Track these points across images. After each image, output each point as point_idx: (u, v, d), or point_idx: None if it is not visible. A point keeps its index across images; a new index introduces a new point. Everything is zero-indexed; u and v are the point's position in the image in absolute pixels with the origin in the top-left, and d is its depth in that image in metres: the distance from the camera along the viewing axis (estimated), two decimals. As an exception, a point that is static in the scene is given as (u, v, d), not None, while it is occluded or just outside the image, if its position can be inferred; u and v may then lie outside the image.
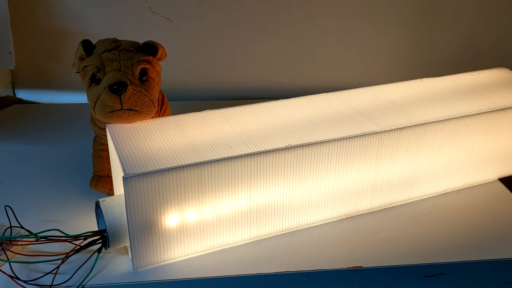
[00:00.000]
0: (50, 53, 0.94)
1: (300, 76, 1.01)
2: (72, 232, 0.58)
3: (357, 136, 0.60)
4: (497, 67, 0.82)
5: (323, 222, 0.64)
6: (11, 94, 0.96)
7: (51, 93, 0.98)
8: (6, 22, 0.84)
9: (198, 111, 0.64)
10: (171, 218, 0.55)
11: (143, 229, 0.54)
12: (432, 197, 0.70)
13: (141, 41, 0.77)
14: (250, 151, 0.56)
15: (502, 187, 0.73)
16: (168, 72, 0.71)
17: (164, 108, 0.67)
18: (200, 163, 0.54)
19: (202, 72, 0.99)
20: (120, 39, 0.62)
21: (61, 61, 0.95)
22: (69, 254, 0.54)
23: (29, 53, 0.94)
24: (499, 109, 0.68)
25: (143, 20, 0.93)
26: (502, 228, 0.65)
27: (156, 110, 0.62)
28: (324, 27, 0.97)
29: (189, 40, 0.96)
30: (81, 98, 0.96)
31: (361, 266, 0.58)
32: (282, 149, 0.57)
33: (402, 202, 0.68)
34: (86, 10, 0.91)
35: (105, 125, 0.62)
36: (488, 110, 0.67)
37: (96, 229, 0.60)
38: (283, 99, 0.68)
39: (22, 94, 0.97)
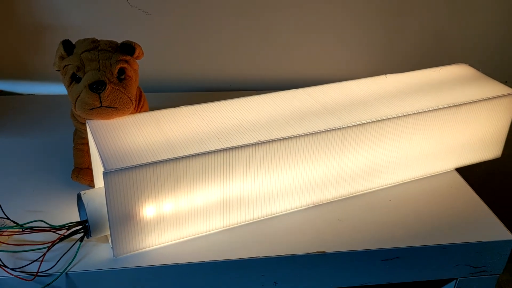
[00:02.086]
0: (30, 45, 0.96)
1: (276, 68, 1.05)
2: (55, 222, 0.62)
3: (322, 131, 0.65)
4: (460, 62, 0.87)
5: (290, 211, 0.69)
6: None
7: (31, 84, 1.00)
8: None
9: (175, 102, 0.68)
10: (149, 209, 0.59)
11: (122, 219, 0.58)
12: (393, 186, 0.75)
13: (118, 34, 0.80)
14: (222, 147, 0.60)
15: (458, 177, 0.79)
16: (146, 64, 0.73)
17: (141, 103, 0.71)
18: (175, 158, 0.58)
19: (179, 64, 1.02)
20: (99, 39, 0.65)
21: (40, 53, 0.97)
22: (54, 243, 0.58)
23: (8, 45, 0.96)
24: (455, 105, 0.73)
25: (121, 13, 0.95)
26: (454, 215, 0.71)
27: (134, 106, 0.66)
28: (301, 19, 1.00)
29: (166, 33, 0.98)
30: (61, 89, 0.99)
31: (324, 251, 0.63)
32: (252, 144, 0.61)
33: (364, 192, 0.74)
34: (65, 3, 0.93)
35: (85, 120, 0.66)
36: (445, 106, 0.72)
37: (78, 219, 0.64)
38: (258, 91, 0.72)
39: (2, 85, 0.99)
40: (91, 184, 0.70)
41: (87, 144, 0.70)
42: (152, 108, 0.71)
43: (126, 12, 0.95)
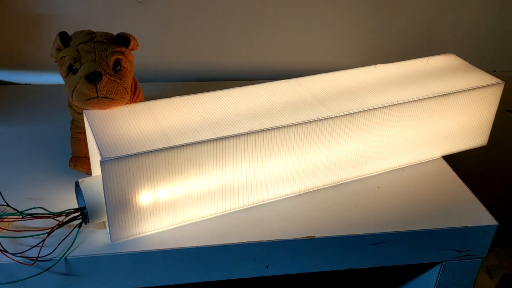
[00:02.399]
0: (26, 35, 0.98)
1: (268, 58, 1.07)
2: (54, 208, 0.64)
3: (312, 121, 0.67)
4: (449, 52, 0.89)
5: (282, 197, 0.71)
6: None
7: (28, 74, 1.01)
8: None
9: (170, 92, 0.70)
10: (145, 196, 0.62)
11: (119, 206, 0.60)
12: (381, 173, 0.78)
13: (114, 25, 0.81)
14: (215, 136, 0.62)
15: (444, 164, 0.81)
16: (141, 54, 0.75)
17: (137, 93, 0.73)
18: (170, 147, 0.60)
19: (173, 54, 1.04)
20: (95, 31, 0.67)
21: (36, 43, 0.98)
22: (53, 229, 0.60)
23: (4, 35, 0.97)
24: (442, 95, 0.75)
25: (115, 3, 0.96)
26: (440, 201, 0.73)
27: (129, 96, 0.68)
28: (294, 9, 1.02)
29: (161, 23, 1.00)
30: (57, 79, 1.00)
31: (313, 236, 0.66)
32: (244, 134, 0.63)
33: (354, 179, 0.76)
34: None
35: (82, 110, 0.68)
36: (432, 96, 0.75)
37: (76, 205, 0.66)
38: (251, 80, 0.74)
39: (-1, 75, 1.01)
40: (88, 172, 0.72)
41: (84, 133, 0.72)
42: (147, 98, 0.73)
43: (121, 3, 0.97)
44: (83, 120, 0.69)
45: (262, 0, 1.00)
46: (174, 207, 0.64)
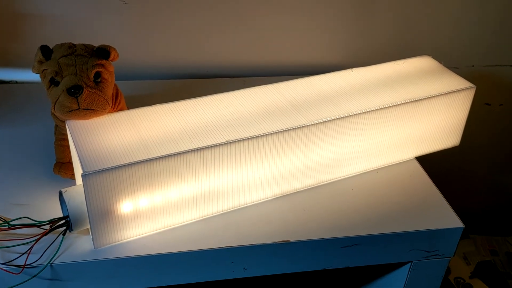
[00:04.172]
0: (9, 33, 0.98)
1: (251, 54, 1.09)
2: (39, 214, 0.67)
3: (288, 129, 0.70)
4: (422, 55, 0.91)
5: (259, 201, 0.74)
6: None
7: (13, 71, 1.02)
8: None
9: (152, 89, 0.72)
10: (126, 205, 0.64)
11: (101, 215, 0.63)
12: (355, 176, 0.81)
13: (96, 23, 0.81)
14: (194, 147, 0.65)
15: (417, 165, 0.84)
16: (124, 52, 0.76)
17: (118, 100, 0.74)
18: (150, 159, 0.63)
19: (156, 52, 1.05)
20: (75, 44, 0.68)
21: (19, 41, 0.99)
22: (40, 238, 0.63)
23: (-12, 33, 0.98)
24: (415, 100, 0.78)
25: (99, 2, 0.97)
26: (410, 203, 0.77)
27: (110, 105, 0.70)
28: (277, 5, 1.03)
29: (143, 21, 1.01)
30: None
31: (288, 240, 0.69)
32: (221, 144, 0.66)
33: (328, 181, 0.79)
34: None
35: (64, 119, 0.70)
36: (405, 102, 0.77)
37: (60, 210, 0.68)
38: (232, 77, 0.75)
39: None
40: (72, 177, 0.75)
41: (68, 139, 0.74)
42: (128, 97, 0.74)
43: (104, 1, 0.97)
44: (65, 127, 0.71)
45: (244, -1, 1.02)
46: (155, 214, 0.67)
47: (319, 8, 1.05)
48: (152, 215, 0.67)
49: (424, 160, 0.86)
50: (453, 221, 0.74)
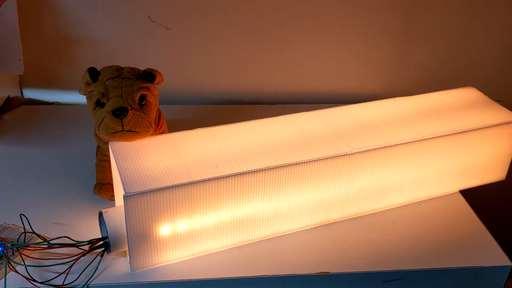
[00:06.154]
0: (55, 55, 1.01)
1: (289, 82, 1.09)
2: (78, 234, 0.67)
3: (330, 157, 0.68)
4: (467, 86, 0.89)
5: (297, 230, 0.73)
6: (19, 94, 1.04)
7: (57, 93, 1.05)
8: (16, 32, 0.91)
9: (193, 114, 0.72)
10: (164, 228, 0.64)
11: (140, 237, 0.63)
12: (398, 207, 0.79)
13: (140, 48, 0.83)
14: (234, 172, 0.64)
15: (461, 199, 0.82)
16: (167, 77, 0.77)
17: (160, 123, 0.75)
18: (190, 183, 0.62)
19: (198, 78, 1.06)
20: (122, 67, 0.70)
21: (64, 63, 1.02)
22: (78, 258, 0.63)
23: (35, 56, 1.01)
24: (460, 132, 0.76)
25: (143, 28, 0.99)
26: (454, 238, 0.74)
27: (153, 128, 0.70)
28: (314, 33, 1.04)
29: (186, 47, 1.02)
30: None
31: (328, 272, 0.67)
32: (262, 169, 0.65)
33: (370, 212, 0.77)
34: (89, 17, 0.97)
35: (107, 140, 0.70)
36: (451, 133, 0.75)
37: (99, 230, 0.68)
38: (270, 104, 0.75)
39: (29, 94, 1.05)
40: (112, 199, 0.75)
41: (109, 161, 0.74)
42: (170, 121, 0.74)
43: (148, 27, 0.99)
44: (108, 148, 0.72)
45: (284, 25, 1.02)
46: (193, 239, 0.66)
47: (358, 37, 1.05)
48: (190, 240, 0.66)
49: (468, 193, 0.83)
50: (500, 258, 0.71)
